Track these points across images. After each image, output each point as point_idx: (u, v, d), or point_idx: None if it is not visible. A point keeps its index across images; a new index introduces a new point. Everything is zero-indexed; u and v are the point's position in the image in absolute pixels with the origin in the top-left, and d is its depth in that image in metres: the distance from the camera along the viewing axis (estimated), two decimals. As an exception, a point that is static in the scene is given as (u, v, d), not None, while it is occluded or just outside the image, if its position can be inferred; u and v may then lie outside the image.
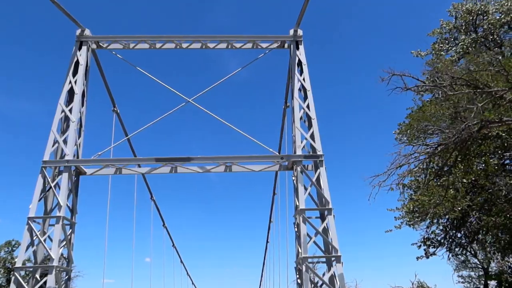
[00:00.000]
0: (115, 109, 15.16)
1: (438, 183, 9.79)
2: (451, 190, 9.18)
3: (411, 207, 10.03)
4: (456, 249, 12.93)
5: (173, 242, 29.92)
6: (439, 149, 9.85)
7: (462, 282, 16.87)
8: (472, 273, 16.64)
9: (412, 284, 20.59)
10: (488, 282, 16.25)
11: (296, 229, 10.98)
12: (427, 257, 12.82)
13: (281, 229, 18.40)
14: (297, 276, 10.49)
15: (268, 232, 26.81)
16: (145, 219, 23.07)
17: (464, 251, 13.08)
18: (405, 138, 11.49)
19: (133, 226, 17.38)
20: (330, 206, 10.49)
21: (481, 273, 16.94)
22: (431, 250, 12.06)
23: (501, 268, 15.50)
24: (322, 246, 10.84)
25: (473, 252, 15.20)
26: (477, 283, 17.50)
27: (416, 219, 10.27)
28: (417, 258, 12.49)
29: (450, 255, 13.46)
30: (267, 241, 28.59)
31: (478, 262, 16.22)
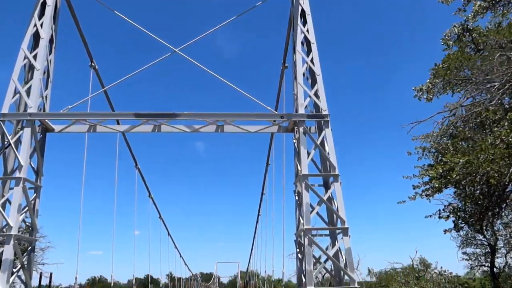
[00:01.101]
0: (93, 64, 13.38)
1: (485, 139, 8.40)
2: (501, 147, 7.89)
3: (440, 171, 8.74)
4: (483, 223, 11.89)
5: (160, 214, 28.80)
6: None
7: (467, 260, 16.14)
8: (478, 250, 15.90)
9: (412, 260, 19.97)
10: (495, 260, 15.48)
11: (297, 198, 9.66)
12: (458, 230, 11.76)
13: (276, 200, 17.21)
14: (297, 250, 9.23)
15: (259, 205, 25.64)
16: (130, 189, 21.77)
17: (475, 226, 12.11)
18: (430, 93, 10.11)
19: (115, 191, 15.95)
20: (337, 172, 9.17)
21: (487, 250, 16.16)
22: (460, 222, 10.98)
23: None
24: (325, 217, 9.59)
25: (478, 228, 14.25)
26: (483, 261, 16.76)
27: (443, 185, 9.03)
28: (445, 231, 11.39)
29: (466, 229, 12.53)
30: (258, 214, 27.52)
31: (484, 239, 15.42)
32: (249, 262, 45.84)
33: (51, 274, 12.72)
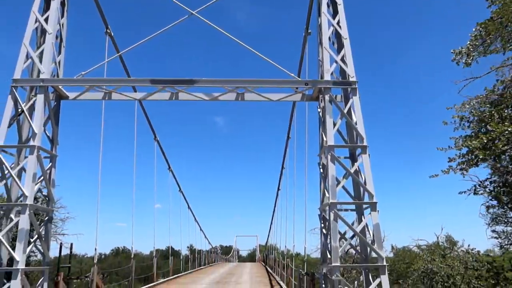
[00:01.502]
0: (108, 31, 12.86)
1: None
2: None
3: (484, 141, 7.98)
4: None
5: (180, 187, 28.75)
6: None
7: (496, 238, 15.42)
8: (509, 228, 15.11)
9: (437, 237, 19.31)
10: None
11: (321, 170, 9.10)
12: (503, 207, 11.14)
13: (297, 174, 16.73)
14: (322, 225, 8.76)
15: (279, 180, 25.28)
16: (151, 162, 21.67)
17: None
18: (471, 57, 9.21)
19: (134, 163, 15.76)
20: (365, 143, 8.53)
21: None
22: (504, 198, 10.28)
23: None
24: (351, 191, 9.04)
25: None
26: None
27: (488, 157, 8.28)
28: (488, 207, 10.79)
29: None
30: (278, 189, 27.20)
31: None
32: (268, 236, 46.17)
33: (71, 244, 12.74)
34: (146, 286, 16.75)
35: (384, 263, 7.64)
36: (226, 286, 17.59)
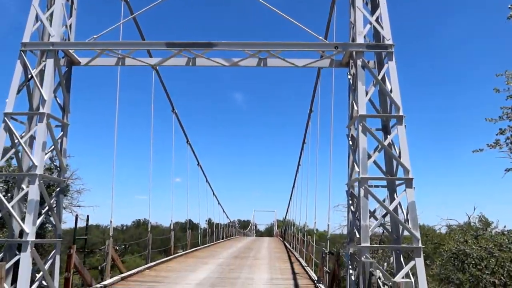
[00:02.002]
0: (123, -6, 12.14)
1: None
2: None
3: None
4: None
5: (198, 161, 28.52)
6: None
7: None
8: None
9: (469, 217, 18.41)
10: None
11: (350, 143, 8.38)
12: None
13: (319, 148, 16.03)
14: (350, 202, 8.11)
15: (300, 155, 24.59)
16: (169, 135, 21.34)
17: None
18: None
19: (151, 135, 15.33)
20: (401, 113, 7.72)
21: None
22: None
23: None
24: (382, 166, 8.32)
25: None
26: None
27: None
28: None
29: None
30: (298, 165, 26.57)
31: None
32: (286, 211, 45.96)
33: (87, 216, 12.57)
34: (163, 259, 16.64)
35: (420, 245, 6.98)
36: (244, 261, 17.32)
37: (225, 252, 22.97)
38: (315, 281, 10.93)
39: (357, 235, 7.19)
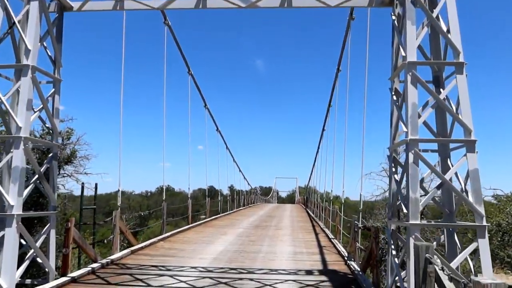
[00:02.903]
0: None
1: None
2: None
3: None
4: None
5: (217, 127, 27.49)
6: None
7: None
8: None
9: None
10: None
11: (395, 98, 6.92)
12: None
13: (342, 112, 14.50)
14: (393, 169, 6.76)
15: (325, 119, 23.08)
16: (184, 96, 20.33)
17: None
18: None
19: (163, 101, 14.17)
20: (461, 59, 6.19)
21: None
22: None
23: None
24: (432, 126, 6.89)
25: None
26: None
27: None
28: None
29: None
30: (323, 129, 25.12)
31: None
32: (309, 178, 44.91)
33: (96, 184, 11.66)
34: (180, 229, 15.86)
35: (484, 223, 5.63)
36: (265, 232, 16.39)
37: (245, 221, 22.18)
38: (345, 258, 9.80)
39: (404, 210, 5.87)
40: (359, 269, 8.32)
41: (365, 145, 10.49)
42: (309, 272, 8.49)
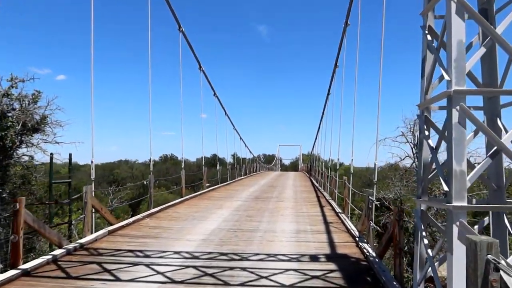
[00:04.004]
0: None
1: None
2: None
3: None
4: None
5: (214, 91, 25.92)
6: None
7: None
8: None
9: None
10: None
11: (429, 37, 5.28)
12: None
13: (350, 74, 12.84)
14: (426, 132, 5.22)
15: (331, 81, 21.41)
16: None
17: None
18: None
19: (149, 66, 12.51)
20: (525, -19, 4.51)
21: None
22: None
23: None
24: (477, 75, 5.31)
25: None
26: None
27: None
28: None
29: None
30: (328, 93, 23.48)
31: None
32: (313, 146, 43.58)
33: (70, 155, 10.22)
34: (172, 203, 14.59)
35: (555, 205, 4.16)
36: (266, 205, 15.12)
37: (245, 192, 20.95)
38: (356, 238, 8.45)
39: (445, 187, 4.39)
40: (374, 255, 6.97)
41: (375, 107, 8.94)
42: (314, 258, 7.16)
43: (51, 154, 9.75)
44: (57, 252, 7.05)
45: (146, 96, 13.21)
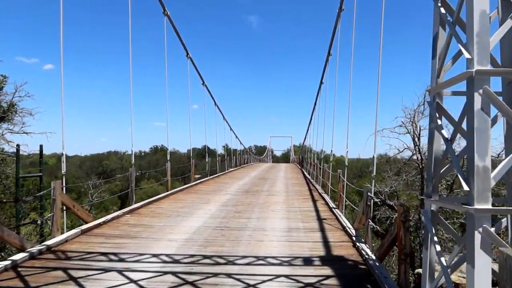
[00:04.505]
0: None
1: None
2: None
3: None
4: None
5: (202, 80, 25.04)
6: None
7: None
8: None
9: None
10: None
11: (442, 10, 4.56)
12: None
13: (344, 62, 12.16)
14: (438, 121, 4.53)
15: (324, 69, 20.72)
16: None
17: None
18: None
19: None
20: None
21: None
22: None
23: None
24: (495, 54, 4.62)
25: None
26: None
27: None
28: None
29: None
30: (321, 82, 22.79)
31: None
32: (305, 137, 42.98)
33: (41, 146, 9.40)
34: (156, 197, 13.84)
35: None
36: (256, 199, 14.45)
37: (235, 185, 20.25)
38: (353, 237, 7.82)
39: (464, 186, 3.71)
40: (374, 257, 6.33)
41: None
42: (307, 261, 6.50)
43: (18, 145, 8.94)
44: (18, 256, 6.29)
45: (135, 86, 12.38)
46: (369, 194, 7.18)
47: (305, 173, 32.29)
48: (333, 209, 11.63)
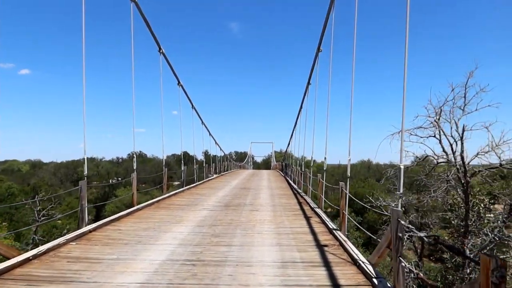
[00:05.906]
0: None
1: None
2: None
3: None
4: None
5: (178, 80, 22.80)
6: None
7: None
8: None
9: None
10: None
11: None
12: None
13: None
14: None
15: (312, 67, 18.79)
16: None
17: None
18: None
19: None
20: None
21: None
22: None
23: None
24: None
25: None
26: None
27: None
28: None
29: None
30: (308, 83, 20.85)
31: None
32: (289, 143, 41.08)
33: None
34: (116, 215, 11.50)
35: None
36: (238, 216, 12.33)
37: (213, 197, 18.05)
38: (374, 278, 5.77)
39: None
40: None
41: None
42: (317, 326, 4.41)
43: None
44: None
45: (114, 92, 10.16)
46: (399, 221, 5.16)
47: (289, 181, 30.32)
48: (334, 230, 9.56)
